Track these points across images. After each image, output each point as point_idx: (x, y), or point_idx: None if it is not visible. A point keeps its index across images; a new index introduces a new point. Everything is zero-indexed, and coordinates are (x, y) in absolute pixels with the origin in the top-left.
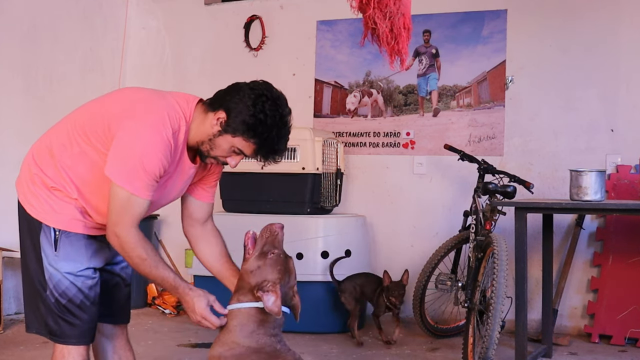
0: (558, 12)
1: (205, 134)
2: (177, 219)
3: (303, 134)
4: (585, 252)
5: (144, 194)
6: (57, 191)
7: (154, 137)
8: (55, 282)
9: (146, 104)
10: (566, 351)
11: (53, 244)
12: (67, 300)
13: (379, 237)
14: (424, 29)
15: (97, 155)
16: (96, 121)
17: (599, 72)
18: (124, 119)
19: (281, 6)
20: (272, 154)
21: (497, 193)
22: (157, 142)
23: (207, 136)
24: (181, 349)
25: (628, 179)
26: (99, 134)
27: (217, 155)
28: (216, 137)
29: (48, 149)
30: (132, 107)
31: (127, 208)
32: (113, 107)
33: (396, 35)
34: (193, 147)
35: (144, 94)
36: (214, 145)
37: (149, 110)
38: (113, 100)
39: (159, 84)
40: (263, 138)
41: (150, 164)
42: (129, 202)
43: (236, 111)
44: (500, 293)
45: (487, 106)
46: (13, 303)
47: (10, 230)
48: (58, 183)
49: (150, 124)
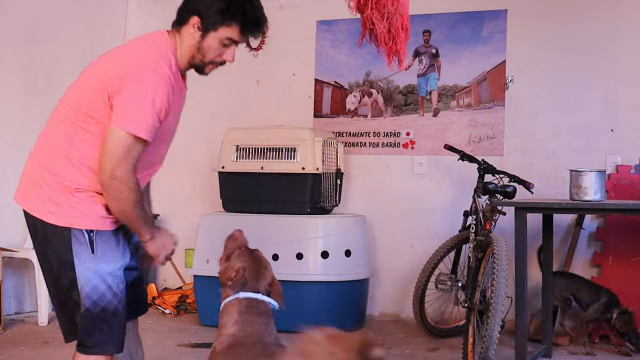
0: (558, 12)
1: (190, 47)
2: (177, 219)
3: (303, 134)
4: (585, 252)
5: (147, 135)
6: (81, 192)
7: (156, 80)
8: (91, 289)
9: (135, 59)
10: (566, 351)
11: (89, 246)
12: (101, 309)
13: (379, 237)
14: (423, 29)
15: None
16: (92, 97)
17: (599, 72)
18: (120, 80)
19: (281, 6)
20: (256, 25)
21: (497, 193)
22: (161, 83)
23: (193, 48)
24: (181, 349)
25: (628, 179)
26: (101, 108)
27: (212, 58)
28: (201, 42)
29: (58, 151)
30: (125, 68)
31: (130, 152)
32: (103, 76)
33: (394, 35)
34: (186, 68)
35: (125, 52)
36: (204, 51)
37: (142, 65)
38: (98, 72)
39: None
40: (242, 14)
41: (158, 104)
42: (133, 147)
43: (205, 6)
44: (500, 293)
45: (487, 106)
46: (13, 303)
47: (10, 230)
48: (80, 182)
49: (149, 71)
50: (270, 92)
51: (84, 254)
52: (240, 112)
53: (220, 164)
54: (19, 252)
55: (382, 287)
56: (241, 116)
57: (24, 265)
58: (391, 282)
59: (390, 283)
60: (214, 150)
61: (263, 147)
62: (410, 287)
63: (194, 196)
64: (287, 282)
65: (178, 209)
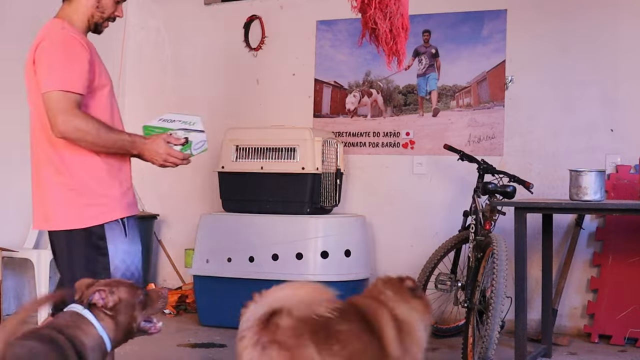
0: (558, 12)
1: (87, 9)
2: (177, 219)
3: (303, 134)
4: (585, 252)
5: (76, 87)
6: (106, 181)
7: (65, 38)
8: (126, 268)
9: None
10: (566, 351)
11: (123, 231)
12: None
13: (379, 237)
14: (423, 29)
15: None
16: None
17: (599, 72)
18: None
19: (281, 6)
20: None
21: (496, 193)
22: (70, 39)
23: (91, 9)
24: (181, 349)
25: (628, 179)
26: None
27: (109, 15)
28: (100, 1)
29: (62, 160)
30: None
31: (66, 104)
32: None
33: (395, 35)
34: (86, 30)
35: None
36: (103, 9)
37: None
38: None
39: (158, 83)
40: None
41: (75, 53)
42: (66, 98)
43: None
44: (500, 293)
45: (487, 106)
46: (13, 303)
47: (10, 230)
48: (92, 171)
49: (56, 41)
50: (270, 92)
51: (118, 239)
52: (240, 112)
53: (220, 164)
54: (18, 252)
55: None
56: (241, 116)
57: (23, 265)
58: None
59: None
60: (214, 150)
61: (263, 147)
62: None
63: (193, 196)
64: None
65: (178, 209)
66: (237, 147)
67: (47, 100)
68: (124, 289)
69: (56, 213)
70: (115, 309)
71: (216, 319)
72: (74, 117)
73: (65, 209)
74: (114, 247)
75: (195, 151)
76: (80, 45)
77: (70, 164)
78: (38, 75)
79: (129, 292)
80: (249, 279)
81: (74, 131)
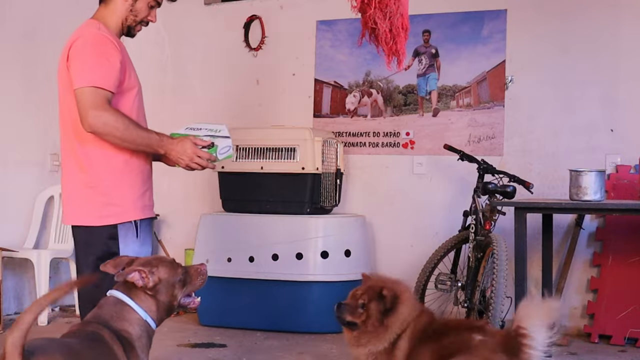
0: (558, 12)
1: (123, 12)
2: (177, 219)
3: (303, 134)
4: (584, 252)
5: (107, 84)
6: (126, 182)
7: (99, 38)
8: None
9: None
10: (566, 351)
11: (135, 232)
12: None
13: (379, 237)
14: (423, 29)
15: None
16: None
17: (599, 72)
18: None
19: (281, 6)
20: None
21: (496, 193)
22: (103, 39)
23: (126, 12)
24: (181, 349)
25: (628, 179)
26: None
27: (142, 19)
28: (134, 5)
29: (86, 158)
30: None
31: (97, 100)
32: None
33: (395, 35)
34: (120, 33)
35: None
36: (136, 13)
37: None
38: (62, 77)
39: (158, 83)
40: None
41: (108, 52)
42: (97, 94)
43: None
44: (500, 293)
45: (487, 106)
46: (13, 303)
47: (10, 230)
48: (113, 171)
49: (90, 40)
50: (270, 92)
51: (130, 239)
52: (240, 112)
53: (220, 164)
54: (18, 252)
55: None
56: (241, 116)
57: (23, 265)
58: None
59: None
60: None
61: (263, 147)
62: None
63: (193, 196)
64: (287, 282)
65: (178, 209)
66: (237, 147)
67: (79, 96)
68: (164, 268)
69: (75, 209)
70: (155, 289)
71: (216, 319)
72: (104, 112)
73: (83, 206)
74: (124, 247)
75: (220, 155)
76: (113, 45)
77: (93, 162)
78: (71, 72)
79: (169, 271)
80: (249, 279)
81: (103, 125)
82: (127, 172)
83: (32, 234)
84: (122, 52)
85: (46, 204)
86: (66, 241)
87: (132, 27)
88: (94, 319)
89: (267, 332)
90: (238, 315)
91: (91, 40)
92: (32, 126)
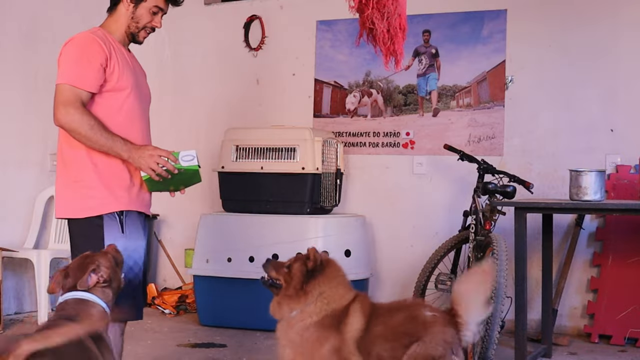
0: (558, 12)
1: (125, 19)
2: (177, 219)
3: (303, 134)
4: (585, 252)
5: (83, 83)
6: (108, 176)
7: (85, 39)
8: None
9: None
10: (566, 351)
11: (120, 226)
12: (129, 281)
13: (379, 237)
14: (423, 29)
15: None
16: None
17: (599, 72)
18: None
19: (281, 6)
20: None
21: (496, 193)
22: (89, 40)
23: (128, 19)
24: (181, 349)
25: (628, 179)
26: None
27: (145, 25)
28: (135, 12)
29: (68, 153)
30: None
31: (69, 97)
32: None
33: (392, 35)
34: (126, 40)
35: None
36: (137, 19)
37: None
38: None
39: (159, 83)
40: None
41: (90, 53)
42: (70, 92)
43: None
44: (500, 293)
45: (487, 106)
46: (13, 303)
47: (10, 230)
48: (94, 164)
49: (76, 40)
50: (270, 92)
51: (115, 234)
52: (240, 112)
53: (220, 164)
54: (18, 252)
55: (382, 287)
56: (241, 116)
57: (23, 265)
58: (391, 282)
59: (390, 283)
60: (214, 150)
61: (263, 147)
62: (410, 287)
63: (193, 196)
64: None
65: (178, 209)
66: (237, 147)
67: (55, 92)
68: (103, 259)
69: (61, 202)
70: (110, 278)
71: (216, 319)
72: (73, 109)
73: (67, 198)
74: (111, 240)
75: (184, 162)
76: (98, 45)
77: (75, 157)
78: (58, 70)
79: (107, 260)
80: (249, 279)
81: (69, 123)
82: (108, 166)
83: (32, 234)
84: (112, 53)
85: (46, 204)
86: (66, 241)
87: (136, 33)
88: (62, 317)
89: (267, 332)
90: (238, 315)
91: (77, 41)
92: (32, 126)
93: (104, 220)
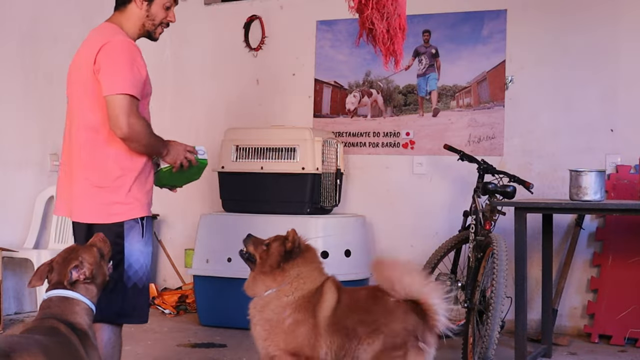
0: (558, 12)
1: (139, 18)
2: (177, 219)
3: (303, 134)
4: (585, 252)
5: (137, 92)
6: (134, 181)
7: (131, 46)
8: (139, 267)
9: (105, 52)
10: (566, 351)
11: (141, 231)
12: (144, 284)
13: (379, 237)
14: (423, 29)
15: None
16: (86, 91)
17: (599, 72)
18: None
19: (281, 6)
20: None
21: (496, 193)
22: (135, 48)
23: (143, 17)
24: (181, 349)
25: (628, 179)
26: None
27: (160, 21)
28: (150, 10)
29: (93, 157)
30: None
31: (131, 108)
32: (85, 77)
33: (392, 36)
34: (137, 38)
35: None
36: (153, 17)
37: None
38: (78, 77)
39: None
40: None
41: (138, 62)
42: (130, 102)
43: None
44: (500, 293)
45: (487, 106)
46: (13, 303)
47: (10, 230)
48: (119, 170)
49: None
50: (270, 92)
51: (135, 238)
52: (240, 112)
53: (220, 164)
54: (18, 252)
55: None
56: (241, 116)
57: (23, 265)
58: None
59: None
60: (214, 150)
61: (263, 147)
62: None
63: (193, 196)
64: None
65: (178, 209)
66: (237, 147)
67: (112, 102)
68: (86, 254)
69: (81, 206)
70: (92, 275)
71: (216, 319)
72: (137, 120)
73: (89, 204)
74: (129, 245)
75: (200, 155)
76: (140, 54)
77: (101, 162)
78: (101, 77)
79: (91, 254)
80: None
81: (136, 134)
82: (134, 170)
83: (32, 234)
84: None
85: (46, 204)
86: (66, 241)
87: (152, 31)
88: (47, 316)
89: None
90: (238, 315)
91: (121, 47)
92: (32, 126)
93: (125, 225)
